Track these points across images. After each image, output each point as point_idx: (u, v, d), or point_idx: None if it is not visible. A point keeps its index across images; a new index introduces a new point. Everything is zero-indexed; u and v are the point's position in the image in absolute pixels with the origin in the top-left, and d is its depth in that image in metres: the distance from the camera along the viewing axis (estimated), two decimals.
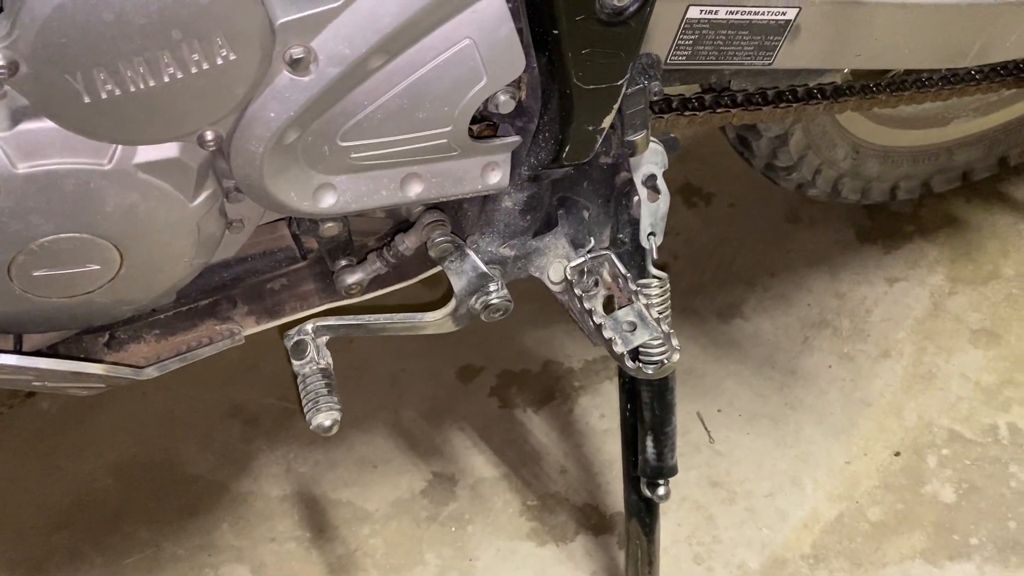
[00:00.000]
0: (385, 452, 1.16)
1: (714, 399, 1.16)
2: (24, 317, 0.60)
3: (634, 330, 0.69)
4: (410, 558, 1.06)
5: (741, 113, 0.87)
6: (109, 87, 0.47)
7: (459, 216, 0.74)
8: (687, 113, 0.84)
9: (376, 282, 0.76)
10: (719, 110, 0.85)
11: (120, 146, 0.52)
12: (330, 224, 0.70)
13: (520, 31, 0.57)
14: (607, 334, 0.68)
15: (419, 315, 0.74)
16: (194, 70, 0.48)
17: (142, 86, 0.48)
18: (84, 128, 0.49)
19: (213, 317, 0.78)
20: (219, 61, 0.48)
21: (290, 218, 0.76)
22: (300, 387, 0.71)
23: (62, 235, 0.54)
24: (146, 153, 0.53)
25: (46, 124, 0.50)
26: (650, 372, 0.67)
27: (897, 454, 1.10)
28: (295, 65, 0.52)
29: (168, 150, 0.54)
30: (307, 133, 0.57)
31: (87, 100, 0.47)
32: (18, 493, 1.16)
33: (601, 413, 1.17)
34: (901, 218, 1.35)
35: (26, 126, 0.50)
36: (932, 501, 1.06)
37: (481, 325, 1.04)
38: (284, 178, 0.59)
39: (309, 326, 0.72)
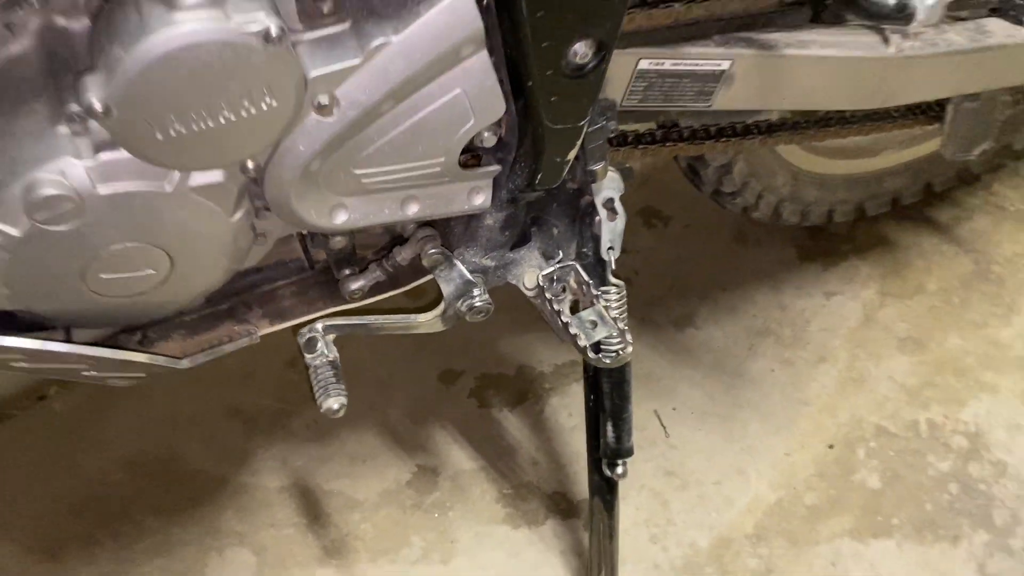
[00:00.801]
0: (373, 448, 1.28)
1: (669, 399, 1.30)
2: (87, 313, 0.72)
3: (595, 327, 0.82)
4: (397, 541, 1.18)
5: (687, 146, 1.01)
6: (177, 127, 0.60)
7: (447, 232, 0.87)
8: (641, 146, 0.98)
9: (375, 288, 0.88)
10: (668, 144, 1.00)
11: (179, 172, 0.65)
12: (339, 238, 0.83)
13: (501, 81, 0.71)
14: (572, 330, 0.81)
15: (413, 316, 0.87)
16: (244, 114, 0.61)
17: (203, 127, 0.60)
18: (154, 158, 0.62)
19: (232, 319, 0.90)
20: (264, 107, 0.61)
21: (302, 233, 0.88)
22: (312, 377, 0.83)
23: (127, 244, 0.66)
24: (198, 178, 0.66)
25: (122, 155, 0.62)
26: (608, 362, 0.80)
27: (831, 447, 1.24)
28: (321, 109, 0.65)
29: (215, 175, 0.67)
30: (327, 163, 0.70)
31: (159, 137, 0.60)
32: (35, 486, 1.26)
33: (569, 412, 1.30)
34: (838, 239, 1.50)
35: (106, 156, 0.62)
36: (860, 487, 1.20)
37: (462, 332, 1.17)
38: (306, 199, 0.71)
39: (319, 325, 0.84)
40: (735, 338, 1.38)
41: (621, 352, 0.80)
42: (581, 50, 0.69)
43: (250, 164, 0.66)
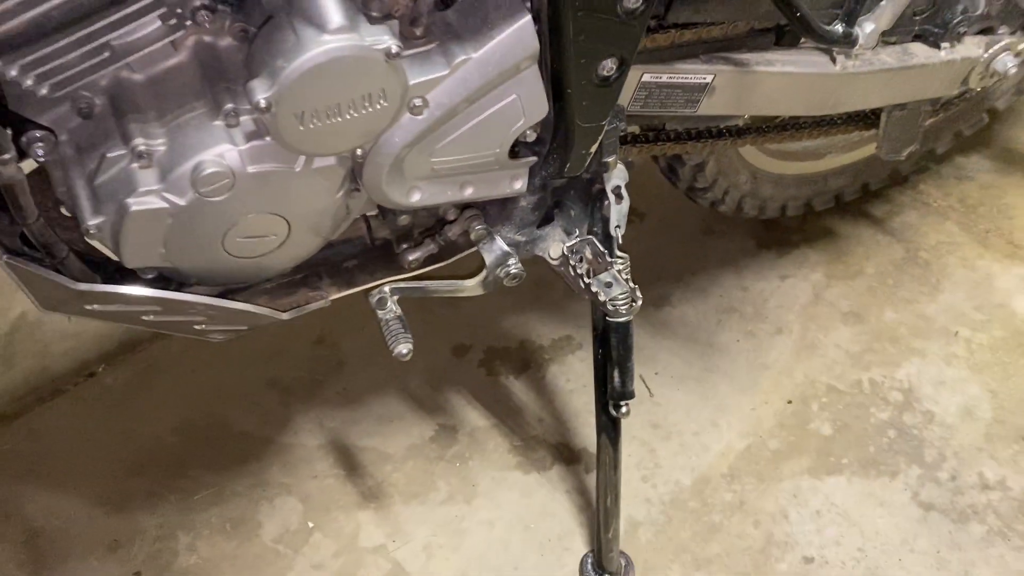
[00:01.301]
0: (398, 410, 1.46)
1: (652, 366, 1.51)
2: (217, 272, 0.90)
3: (610, 287, 1.02)
4: (425, 486, 1.36)
5: (674, 146, 1.23)
6: (315, 121, 0.79)
7: (487, 212, 1.07)
8: (638, 144, 1.19)
9: (429, 259, 1.07)
10: (659, 143, 1.21)
11: (306, 156, 0.84)
12: (404, 216, 1.02)
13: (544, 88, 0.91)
14: (594, 288, 1.02)
15: (460, 281, 1.07)
16: (364, 112, 0.80)
17: (334, 121, 0.79)
18: (293, 145, 0.80)
19: (306, 286, 1.08)
20: (378, 107, 0.81)
21: (366, 215, 1.07)
22: (384, 329, 1.02)
23: (261, 213, 0.85)
24: (319, 162, 0.85)
25: (266, 142, 0.81)
26: (624, 312, 1.01)
27: (790, 402, 1.46)
28: (414, 109, 0.85)
29: (331, 160, 0.86)
30: (412, 152, 0.89)
31: (301, 128, 0.79)
32: (94, 450, 1.42)
33: (567, 378, 1.50)
34: (790, 230, 1.73)
35: (254, 143, 0.81)
36: (815, 435, 1.42)
37: (469, 311, 1.38)
38: (393, 181, 0.91)
39: (387, 287, 1.03)
40: (705, 314, 1.59)
41: (634, 304, 1.01)
42: (608, 65, 0.90)
43: (359, 151, 0.85)
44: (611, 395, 1.15)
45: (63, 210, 0.91)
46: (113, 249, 0.84)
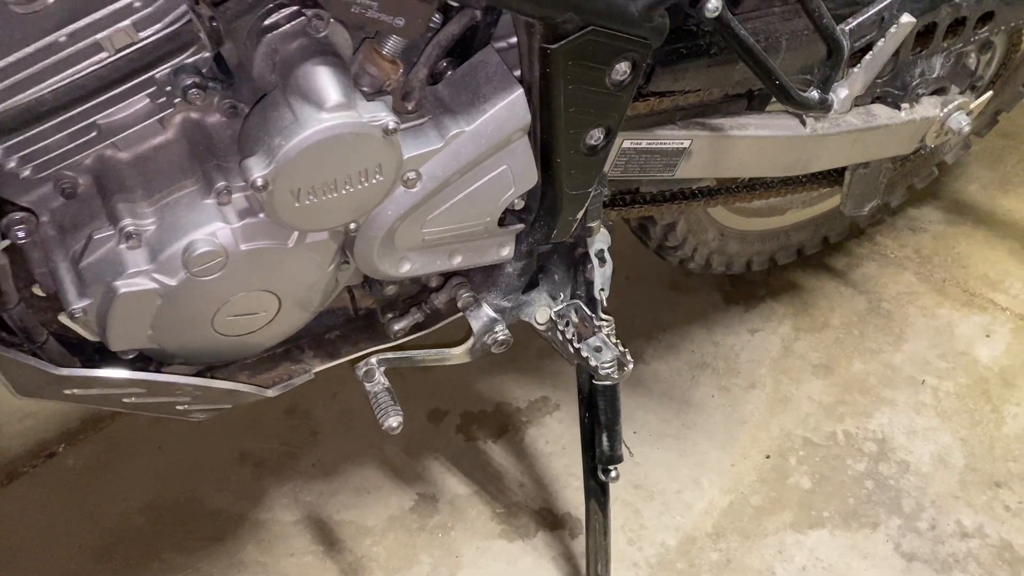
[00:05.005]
0: (376, 480, 1.43)
1: (630, 424, 1.50)
2: (203, 351, 0.88)
3: (600, 351, 1.02)
4: (407, 560, 1.33)
5: (651, 208, 1.24)
6: (311, 198, 0.78)
7: (472, 279, 1.06)
8: (616, 208, 1.20)
9: (414, 328, 1.06)
10: (636, 206, 1.23)
11: (299, 232, 0.82)
12: (391, 286, 1.01)
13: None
14: (584, 354, 1.01)
15: (447, 350, 1.05)
16: (359, 187, 0.79)
17: (329, 196, 0.78)
18: (287, 222, 0.79)
19: (288, 359, 1.06)
20: (374, 181, 0.80)
21: (348, 286, 1.06)
22: (372, 402, 1.00)
23: (252, 291, 0.83)
24: (312, 237, 0.83)
25: (258, 219, 0.80)
26: (616, 377, 1.00)
27: (768, 457, 1.47)
28: (408, 182, 0.84)
29: (323, 235, 0.84)
30: (403, 223, 0.88)
31: (296, 205, 0.78)
32: (58, 534, 1.35)
33: (546, 440, 1.48)
34: (755, 285, 1.76)
35: (247, 220, 0.80)
36: (795, 488, 1.43)
37: (444, 376, 1.36)
38: (384, 253, 0.90)
39: (374, 359, 1.01)
40: (678, 370, 1.60)
41: (625, 368, 1.00)
42: (596, 134, 0.91)
43: (352, 226, 0.84)
44: (599, 459, 1.14)
45: (36, 290, 0.88)
46: (99, 332, 0.81)
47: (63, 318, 0.92)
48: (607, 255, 1.09)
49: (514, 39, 0.89)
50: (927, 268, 1.77)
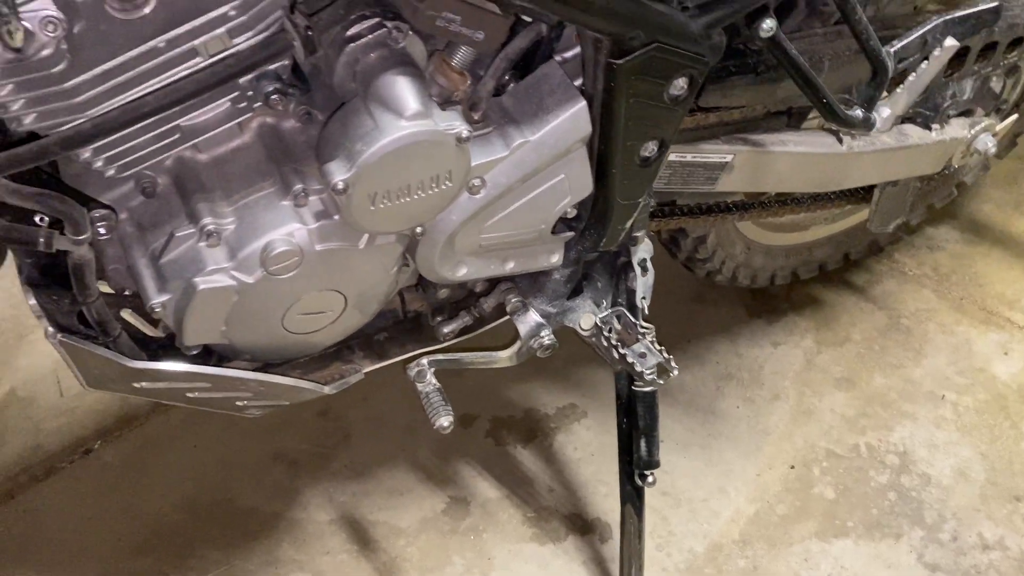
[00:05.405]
0: (408, 483, 1.45)
1: None
2: (269, 347, 0.90)
3: (645, 357, 1.05)
4: (440, 561, 1.35)
5: (687, 220, 1.28)
6: (386, 202, 0.81)
7: (518, 285, 1.09)
8: (654, 219, 1.24)
9: (462, 331, 1.09)
10: (674, 217, 1.26)
11: (368, 234, 0.85)
12: (444, 289, 1.04)
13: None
14: (630, 359, 1.04)
15: (495, 352, 1.08)
16: (430, 192, 0.83)
17: (402, 200, 0.82)
18: (361, 224, 0.82)
19: (339, 360, 1.08)
20: (444, 187, 0.83)
21: (401, 289, 1.09)
22: (424, 401, 1.02)
23: (322, 290, 0.86)
24: (381, 239, 0.87)
25: (333, 221, 0.83)
26: (661, 382, 1.03)
27: (792, 467, 1.50)
28: (473, 189, 0.87)
29: (391, 237, 0.88)
30: (464, 229, 0.92)
31: (371, 208, 0.81)
32: (98, 529, 1.38)
33: (574, 446, 1.51)
34: (777, 299, 1.79)
35: (323, 222, 0.83)
36: (819, 498, 1.45)
37: (474, 382, 1.38)
38: (443, 256, 0.93)
39: (425, 360, 1.04)
40: (703, 381, 1.63)
41: (671, 374, 1.03)
42: (650, 146, 0.94)
43: (419, 229, 0.87)
44: (636, 464, 1.17)
45: (103, 287, 0.91)
46: (174, 326, 0.84)
47: (126, 314, 0.95)
48: (649, 264, 1.13)
49: (570, 53, 0.92)
50: (945, 286, 1.81)
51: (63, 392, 1.58)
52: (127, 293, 0.94)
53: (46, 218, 0.76)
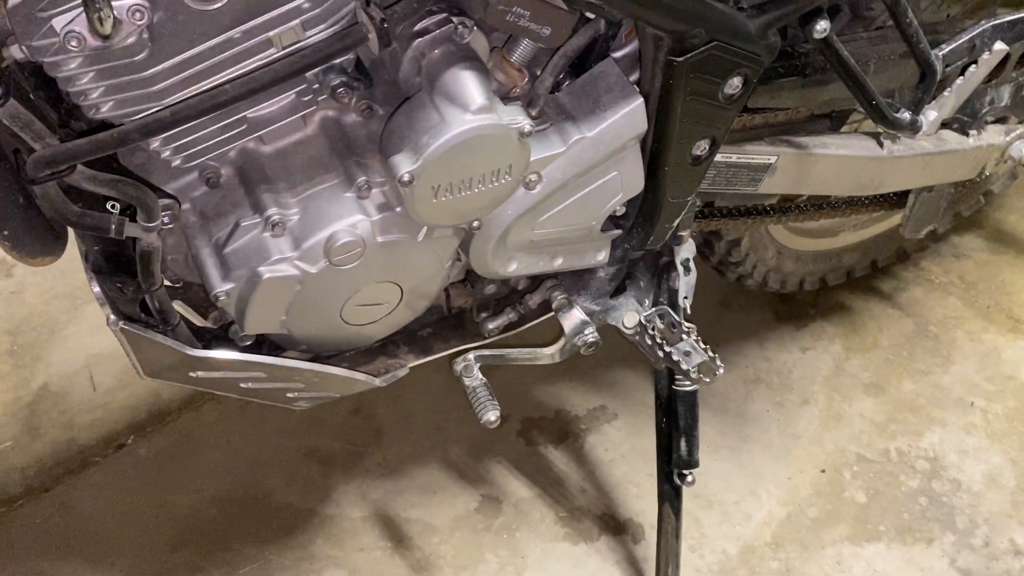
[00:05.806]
0: (441, 481, 1.46)
1: None
2: (324, 338, 0.91)
3: (689, 355, 1.06)
4: (474, 559, 1.36)
5: (726, 221, 1.29)
6: (447, 195, 0.82)
7: (563, 282, 1.10)
8: (696, 219, 1.25)
9: (507, 327, 1.10)
10: (713, 219, 1.27)
11: (427, 227, 0.86)
12: (492, 285, 1.05)
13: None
14: (675, 358, 1.05)
15: (539, 349, 1.09)
16: (490, 186, 0.84)
17: (463, 194, 0.83)
18: (423, 217, 0.83)
19: (384, 354, 1.09)
20: (503, 182, 0.84)
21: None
22: (471, 396, 1.03)
23: (381, 281, 0.87)
24: (439, 232, 0.88)
25: (395, 212, 0.84)
26: (708, 380, 1.04)
27: (823, 471, 1.50)
28: (529, 184, 0.88)
29: (448, 231, 0.88)
30: (517, 224, 0.92)
31: (433, 201, 0.82)
32: (132, 523, 1.38)
33: (605, 448, 1.52)
34: (805, 304, 1.79)
35: (385, 214, 0.84)
36: (851, 502, 1.46)
37: (503, 382, 1.38)
38: (496, 251, 0.94)
39: (472, 356, 1.05)
40: (733, 386, 1.64)
41: (717, 373, 1.04)
42: (702, 145, 0.95)
43: (476, 223, 0.88)
44: (676, 463, 1.17)
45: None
46: (236, 315, 0.85)
47: (176, 305, 0.96)
48: (692, 264, 1.13)
49: (623, 51, 0.93)
50: (972, 294, 1.81)
51: (95, 387, 1.59)
52: (179, 285, 0.95)
53: (117, 205, 0.77)
